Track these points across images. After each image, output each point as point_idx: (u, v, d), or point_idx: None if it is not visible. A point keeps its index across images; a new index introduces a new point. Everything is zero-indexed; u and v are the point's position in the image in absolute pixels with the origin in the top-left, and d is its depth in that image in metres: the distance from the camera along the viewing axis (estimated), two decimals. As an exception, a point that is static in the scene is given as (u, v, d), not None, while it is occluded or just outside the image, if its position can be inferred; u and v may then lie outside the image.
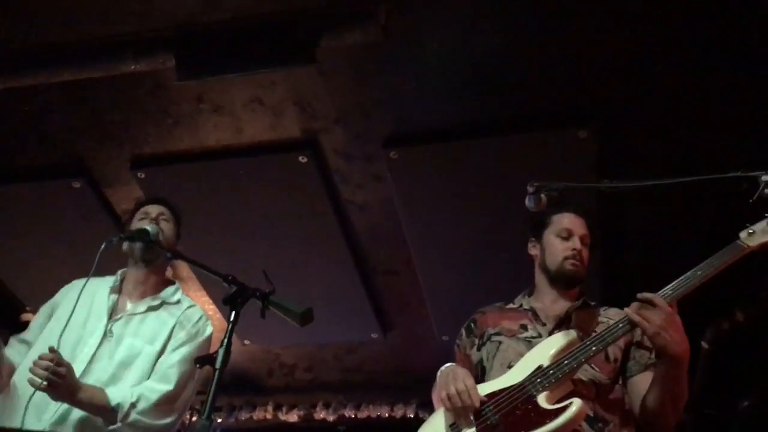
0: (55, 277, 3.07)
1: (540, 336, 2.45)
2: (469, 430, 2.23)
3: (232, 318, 2.11)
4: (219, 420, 5.36)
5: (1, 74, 3.42)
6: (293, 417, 5.41)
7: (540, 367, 2.26)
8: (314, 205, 4.07)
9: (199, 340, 2.79)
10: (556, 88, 3.45)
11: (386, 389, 5.20)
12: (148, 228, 2.78)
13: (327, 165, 3.95)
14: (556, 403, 2.16)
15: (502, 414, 2.20)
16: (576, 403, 2.12)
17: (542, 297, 2.61)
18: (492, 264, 4.04)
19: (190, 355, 2.69)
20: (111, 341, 2.71)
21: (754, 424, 4.22)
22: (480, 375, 2.50)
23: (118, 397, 2.55)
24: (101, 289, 2.84)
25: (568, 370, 2.22)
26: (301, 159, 3.86)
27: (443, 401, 2.31)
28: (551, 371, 2.22)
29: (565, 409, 2.12)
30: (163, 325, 2.77)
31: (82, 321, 2.75)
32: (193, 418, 4.23)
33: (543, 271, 2.61)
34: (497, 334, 2.53)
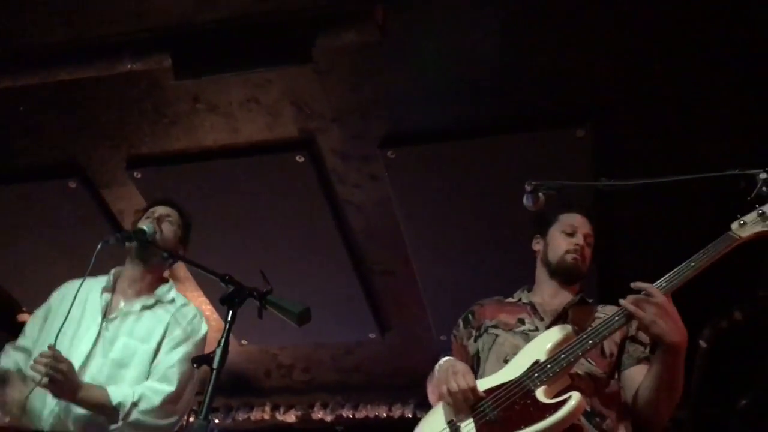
0: (52, 278, 3.05)
1: (537, 330, 2.45)
2: (469, 426, 2.22)
3: (230, 317, 2.11)
4: (216, 421, 5.35)
5: (-2, 74, 3.42)
6: (291, 417, 5.40)
7: (537, 362, 2.25)
8: (311, 205, 4.06)
9: (196, 339, 2.78)
10: (553, 88, 3.45)
11: (384, 389, 5.19)
12: (145, 227, 2.78)
13: (324, 165, 3.95)
14: (554, 397, 2.15)
15: (501, 409, 2.19)
16: (575, 396, 2.11)
17: (541, 291, 2.62)
18: (490, 263, 4.04)
19: (188, 354, 2.69)
20: (106, 341, 2.70)
21: (752, 422, 4.22)
22: (476, 366, 2.51)
23: (119, 396, 2.55)
24: (94, 289, 2.82)
25: (565, 364, 2.21)
26: (297, 159, 3.86)
27: (443, 396, 2.31)
28: (548, 365, 2.22)
29: (564, 403, 2.11)
30: (158, 323, 2.76)
31: (77, 321, 2.74)
32: (191, 418, 4.21)
33: (544, 264, 2.64)
34: (494, 327, 2.53)
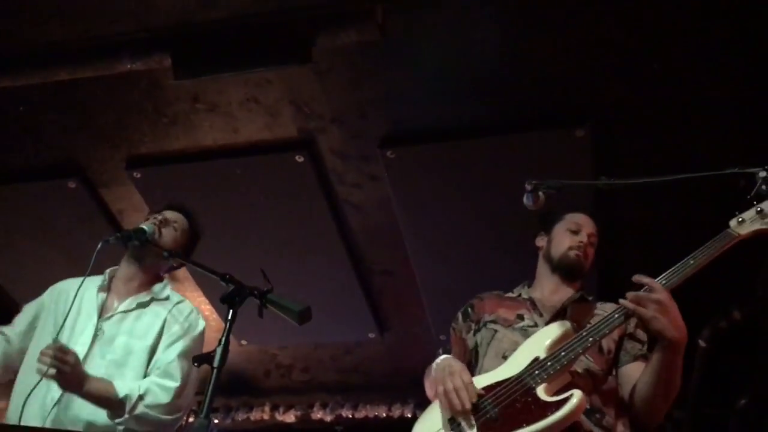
0: (51, 278, 3.04)
1: (536, 326, 2.45)
2: (469, 425, 2.20)
3: (230, 316, 2.10)
4: (216, 421, 5.34)
5: (-3, 74, 3.42)
6: (290, 417, 5.39)
7: (537, 359, 2.25)
8: (311, 205, 4.06)
9: (194, 335, 2.78)
10: (553, 87, 3.45)
11: (383, 389, 5.18)
12: (145, 227, 2.78)
13: (323, 165, 3.95)
14: (555, 395, 2.14)
15: (502, 407, 2.18)
16: (576, 395, 2.10)
17: (542, 287, 2.62)
18: (489, 263, 4.03)
19: (188, 349, 2.70)
20: (103, 340, 2.70)
21: (751, 422, 4.22)
22: (474, 360, 2.51)
23: (125, 389, 2.55)
24: (89, 288, 2.82)
25: (565, 362, 2.20)
26: (297, 159, 3.86)
27: (439, 397, 2.29)
28: (549, 363, 2.21)
29: (566, 401, 2.09)
30: (155, 318, 2.77)
31: (72, 321, 2.74)
32: (191, 418, 4.20)
33: (547, 260, 2.64)
34: (493, 322, 2.53)
